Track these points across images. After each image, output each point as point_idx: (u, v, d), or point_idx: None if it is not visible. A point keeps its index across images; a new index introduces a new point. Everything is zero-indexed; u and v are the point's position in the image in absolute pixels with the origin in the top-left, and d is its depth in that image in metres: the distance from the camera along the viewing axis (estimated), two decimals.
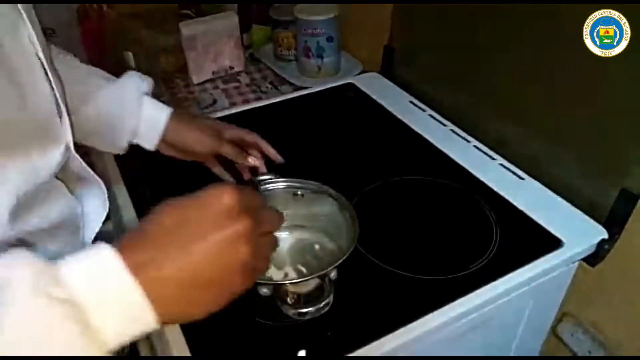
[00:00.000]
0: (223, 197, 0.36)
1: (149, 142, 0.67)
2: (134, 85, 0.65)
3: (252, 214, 0.37)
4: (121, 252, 0.32)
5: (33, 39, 0.42)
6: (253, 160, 0.68)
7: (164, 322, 0.33)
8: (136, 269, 0.32)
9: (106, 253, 0.32)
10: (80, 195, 0.53)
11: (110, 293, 0.31)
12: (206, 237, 0.35)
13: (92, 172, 0.50)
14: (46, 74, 0.44)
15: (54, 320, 0.29)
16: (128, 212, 0.72)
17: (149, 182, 0.79)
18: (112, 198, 0.59)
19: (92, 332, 0.30)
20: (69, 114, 0.46)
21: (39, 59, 0.43)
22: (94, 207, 0.53)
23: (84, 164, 0.48)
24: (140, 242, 0.34)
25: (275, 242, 0.42)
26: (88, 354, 0.30)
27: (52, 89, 0.44)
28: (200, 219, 0.35)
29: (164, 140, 0.67)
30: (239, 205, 0.36)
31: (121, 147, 0.66)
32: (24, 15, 0.41)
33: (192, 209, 0.36)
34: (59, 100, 0.44)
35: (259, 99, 1.10)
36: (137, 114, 0.64)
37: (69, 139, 0.45)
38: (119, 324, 0.32)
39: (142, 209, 0.67)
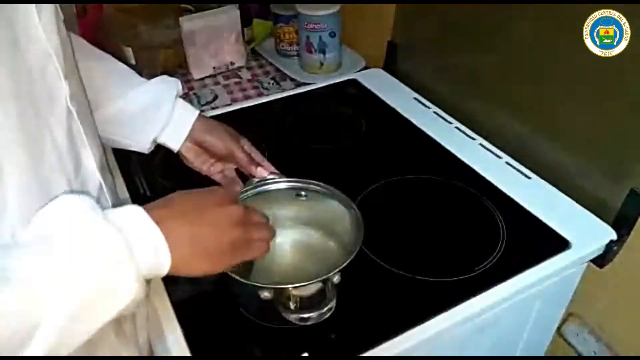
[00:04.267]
0: (223, 193, 0.49)
1: (176, 141, 0.69)
2: (169, 87, 0.69)
3: (245, 210, 0.48)
4: (146, 210, 0.40)
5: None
6: (262, 172, 0.68)
7: (175, 270, 0.41)
8: (158, 222, 0.40)
9: (137, 209, 0.40)
10: None
11: (142, 234, 0.39)
12: (207, 210, 0.45)
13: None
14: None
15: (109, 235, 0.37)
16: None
17: (146, 177, 0.79)
18: None
19: (132, 254, 0.38)
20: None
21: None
22: None
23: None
24: (158, 206, 0.43)
25: (270, 233, 0.51)
26: (128, 273, 0.37)
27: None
28: (204, 198, 0.47)
29: (188, 138, 0.69)
30: (236, 199, 0.49)
31: (147, 142, 0.68)
32: None
33: (199, 193, 0.48)
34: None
35: (260, 95, 1.08)
36: (170, 112, 0.67)
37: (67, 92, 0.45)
38: (146, 260, 0.39)
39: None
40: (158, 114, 0.67)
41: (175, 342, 0.56)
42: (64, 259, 0.35)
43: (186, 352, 0.54)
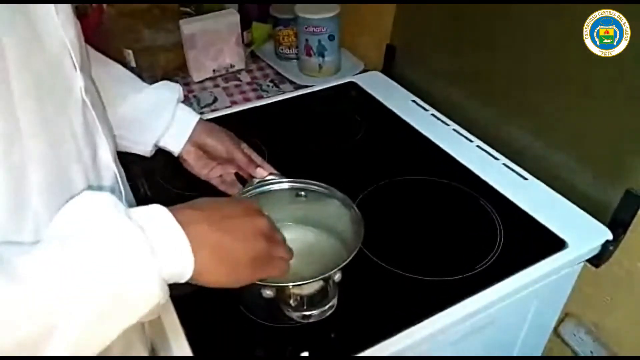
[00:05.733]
0: (251, 202, 0.49)
1: (176, 144, 0.71)
2: (171, 91, 0.71)
3: (270, 224, 0.47)
4: (171, 212, 0.39)
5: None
6: (261, 172, 0.70)
7: (193, 277, 0.39)
8: (182, 224, 0.38)
9: (161, 209, 0.39)
10: None
11: (165, 235, 0.37)
12: (235, 219, 0.44)
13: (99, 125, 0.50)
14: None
15: (130, 233, 0.35)
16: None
17: (147, 179, 0.79)
18: None
19: (155, 256, 0.36)
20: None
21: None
22: None
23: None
24: (184, 209, 0.41)
25: (290, 255, 0.50)
26: (149, 275, 0.35)
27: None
28: (232, 206, 0.46)
29: (188, 141, 0.71)
30: (261, 212, 0.48)
31: (149, 145, 0.69)
32: None
33: (226, 202, 0.50)
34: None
35: (259, 97, 1.09)
36: (171, 116, 0.69)
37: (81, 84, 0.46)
38: (169, 262, 0.37)
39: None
40: (160, 118, 0.69)
41: (177, 340, 0.56)
42: (80, 259, 0.34)
43: (187, 351, 0.55)
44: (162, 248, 0.37)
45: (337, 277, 0.54)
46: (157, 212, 0.38)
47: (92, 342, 0.35)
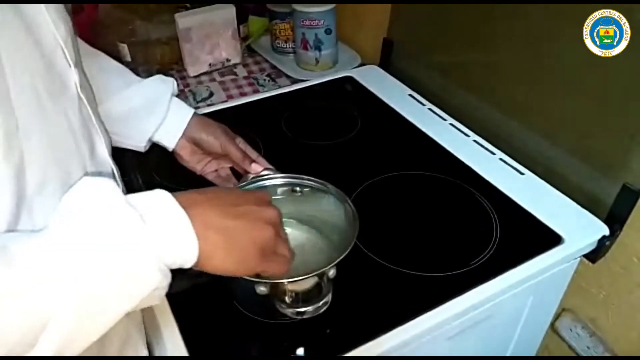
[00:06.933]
0: (262, 194, 0.49)
1: (171, 139, 0.70)
2: (165, 85, 0.70)
3: (280, 217, 0.47)
4: (174, 195, 0.38)
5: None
6: (256, 167, 0.69)
7: (199, 262, 0.38)
8: (185, 207, 0.37)
9: (162, 193, 0.38)
10: None
11: (166, 218, 0.36)
12: (243, 206, 0.43)
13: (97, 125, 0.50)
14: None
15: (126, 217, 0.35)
16: None
17: (141, 174, 0.79)
18: None
19: (152, 240, 0.35)
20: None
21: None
22: None
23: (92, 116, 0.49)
24: (189, 193, 0.41)
25: (291, 254, 0.48)
26: (147, 260, 0.35)
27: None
28: (242, 195, 0.46)
29: (183, 136, 0.70)
30: (272, 203, 0.47)
31: (143, 140, 0.69)
32: None
33: (237, 190, 0.51)
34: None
35: (256, 91, 1.09)
36: (165, 111, 0.69)
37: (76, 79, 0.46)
38: (170, 246, 0.36)
39: None
40: (153, 113, 0.68)
41: (171, 337, 0.56)
42: (73, 243, 0.33)
43: (181, 347, 0.55)
44: (162, 232, 0.35)
45: (332, 273, 0.53)
46: (158, 196, 0.37)
47: (88, 331, 0.34)
